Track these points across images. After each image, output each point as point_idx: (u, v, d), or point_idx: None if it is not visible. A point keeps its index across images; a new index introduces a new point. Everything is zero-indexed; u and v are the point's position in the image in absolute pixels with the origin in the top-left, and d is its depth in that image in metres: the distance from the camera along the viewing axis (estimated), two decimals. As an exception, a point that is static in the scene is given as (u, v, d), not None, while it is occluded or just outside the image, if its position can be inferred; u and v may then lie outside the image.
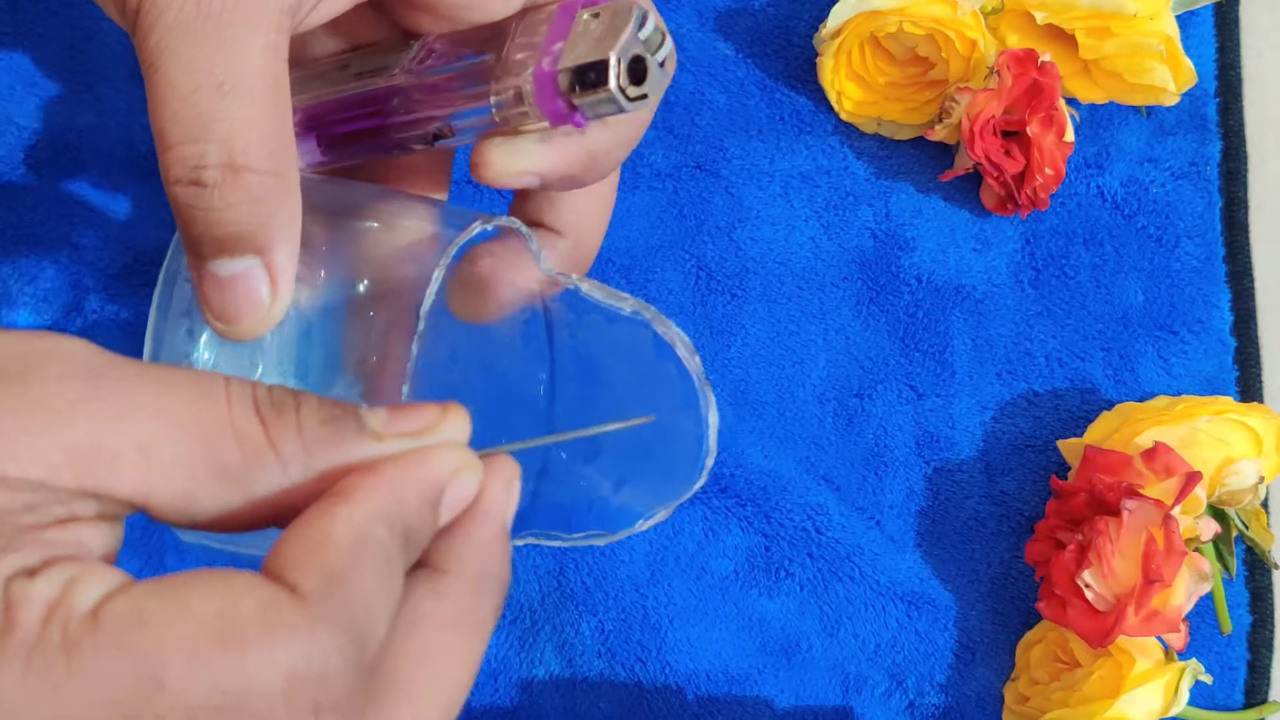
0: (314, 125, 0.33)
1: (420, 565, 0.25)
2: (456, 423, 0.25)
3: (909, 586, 0.45)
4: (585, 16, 0.29)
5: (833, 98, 0.46)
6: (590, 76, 0.28)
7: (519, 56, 0.29)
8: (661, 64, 0.29)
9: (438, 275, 0.29)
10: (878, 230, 0.47)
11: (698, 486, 0.33)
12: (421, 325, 0.29)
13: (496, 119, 0.30)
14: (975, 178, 0.47)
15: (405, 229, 0.32)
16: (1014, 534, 0.46)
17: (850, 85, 0.46)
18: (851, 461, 0.46)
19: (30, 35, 0.47)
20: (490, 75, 0.30)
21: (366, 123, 0.32)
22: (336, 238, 0.31)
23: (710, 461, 0.33)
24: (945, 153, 0.47)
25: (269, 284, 0.27)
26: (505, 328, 0.35)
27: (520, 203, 0.35)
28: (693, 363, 0.33)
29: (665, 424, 0.33)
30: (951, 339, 0.47)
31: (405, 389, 0.29)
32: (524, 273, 0.34)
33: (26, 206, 0.46)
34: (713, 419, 0.33)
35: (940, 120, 0.45)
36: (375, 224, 0.32)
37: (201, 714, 0.20)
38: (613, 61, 0.28)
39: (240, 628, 0.20)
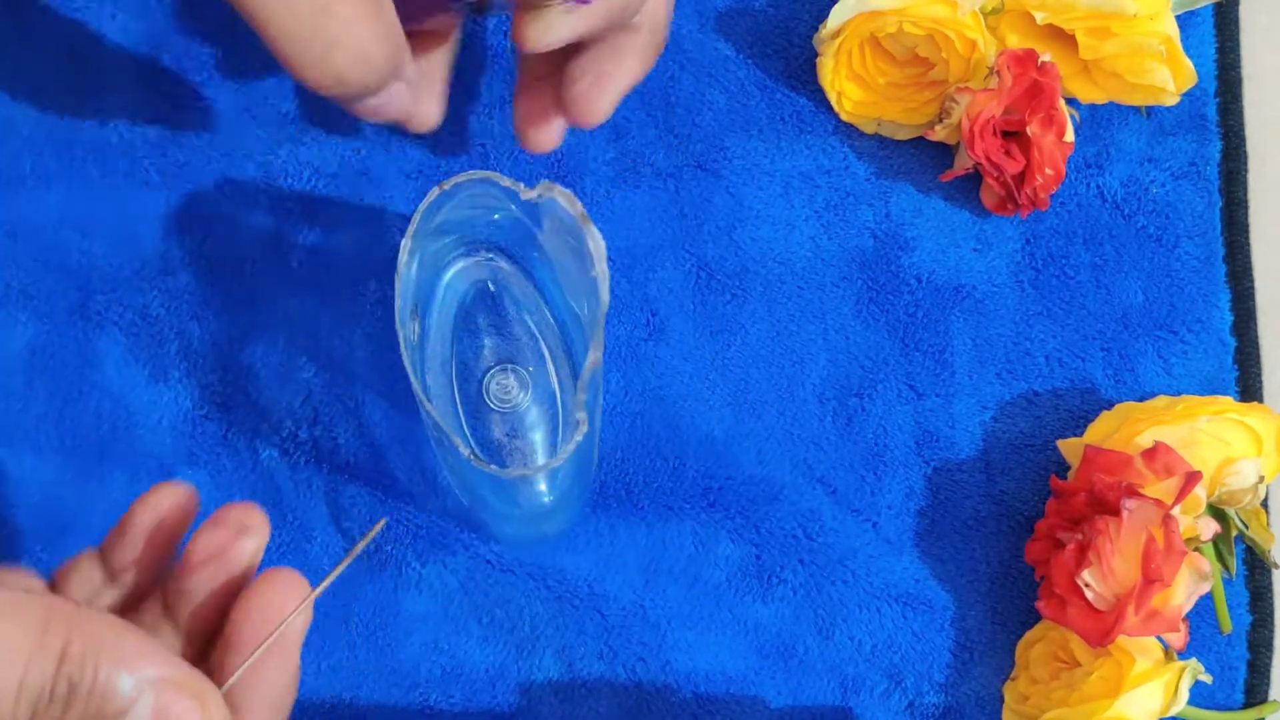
0: None
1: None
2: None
3: (905, 587, 0.45)
4: None
5: (833, 98, 0.46)
6: None
7: None
8: None
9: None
10: (878, 230, 0.47)
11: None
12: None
13: None
14: (975, 178, 0.47)
15: None
16: (1014, 534, 0.46)
17: (850, 85, 0.46)
18: (850, 461, 0.46)
19: (33, 39, 0.47)
20: None
21: None
22: None
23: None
24: (945, 153, 0.47)
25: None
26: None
27: None
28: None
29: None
30: (951, 339, 0.47)
31: None
32: None
33: (30, 210, 0.46)
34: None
35: (940, 120, 0.45)
36: None
37: None
38: None
39: None
